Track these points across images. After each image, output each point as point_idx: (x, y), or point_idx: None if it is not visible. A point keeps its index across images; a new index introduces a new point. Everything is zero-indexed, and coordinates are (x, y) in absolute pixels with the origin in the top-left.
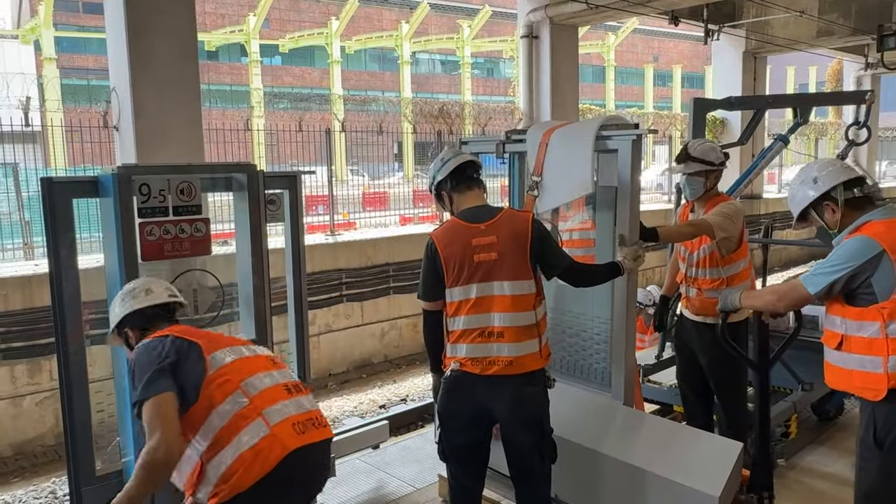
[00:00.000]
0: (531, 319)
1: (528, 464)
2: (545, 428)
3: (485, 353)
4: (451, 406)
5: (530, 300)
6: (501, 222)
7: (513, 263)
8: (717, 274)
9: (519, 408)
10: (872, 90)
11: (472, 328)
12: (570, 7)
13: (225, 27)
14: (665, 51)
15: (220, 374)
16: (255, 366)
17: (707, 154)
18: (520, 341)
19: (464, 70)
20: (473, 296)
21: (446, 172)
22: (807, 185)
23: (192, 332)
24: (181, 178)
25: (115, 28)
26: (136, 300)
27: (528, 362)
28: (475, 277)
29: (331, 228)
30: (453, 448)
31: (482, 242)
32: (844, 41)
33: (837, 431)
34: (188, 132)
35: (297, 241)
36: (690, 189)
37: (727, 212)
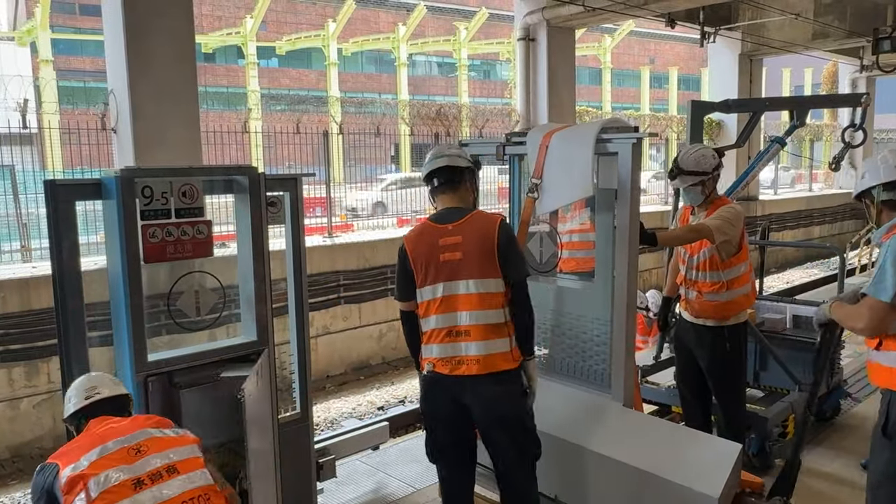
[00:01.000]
0: (499, 318)
1: (507, 461)
2: (526, 425)
3: (453, 352)
4: (429, 407)
5: (498, 299)
6: (468, 223)
7: (478, 262)
8: (717, 277)
9: (493, 406)
10: (868, 93)
11: (440, 328)
12: (567, 9)
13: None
14: (661, 53)
15: (71, 482)
16: (110, 462)
17: (699, 163)
18: (487, 339)
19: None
20: (440, 295)
21: (424, 174)
22: (860, 176)
23: (65, 450)
24: (183, 180)
25: (112, 30)
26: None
27: (499, 362)
28: (441, 277)
29: (328, 230)
30: (438, 448)
31: (448, 242)
32: (840, 44)
33: (834, 432)
34: (186, 134)
35: (298, 242)
36: (689, 198)
37: (727, 216)
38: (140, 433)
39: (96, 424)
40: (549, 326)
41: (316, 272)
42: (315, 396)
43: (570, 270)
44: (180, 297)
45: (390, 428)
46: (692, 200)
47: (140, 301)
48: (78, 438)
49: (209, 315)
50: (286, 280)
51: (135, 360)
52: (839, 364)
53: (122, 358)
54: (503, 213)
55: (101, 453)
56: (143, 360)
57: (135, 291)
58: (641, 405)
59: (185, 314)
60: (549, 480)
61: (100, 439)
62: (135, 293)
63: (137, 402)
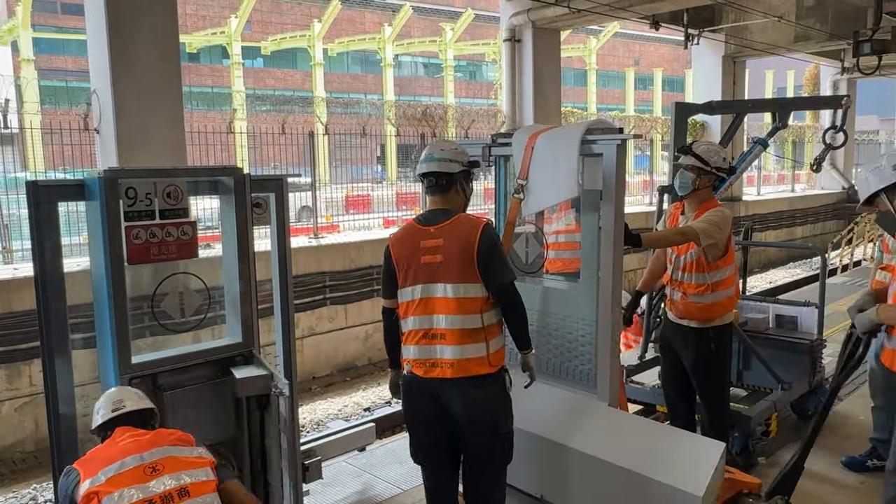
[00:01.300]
0: (476, 323)
1: (476, 463)
2: (499, 430)
3: (428, 354)
4: (409, 408)
5: (476, 304)
6: (450, 226)
7: (458, 267)
8: (702, 279)
9: (468, 408)
10: (849, 95)
11: (417, 329)
12: (553, 11)
13: (206, 29)
14: (646, 54)
15: (87, 495)
16: (125, 480)
17: (707, 155)
18: (463, 344)
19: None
20: (418, 297)
21: (416, 174)
22: (884, 171)
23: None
24: (168, 181)
25: (95, 29)
26: (92, 421)
27: (473, 366)
28: (420, 279)
29: (314, 231)
30: (422, 449)
31: (429, 245)
32: (821, 46)
33: None
34: (170, 134)
35: (284, 244)
36: (680, 180)
37: (715, 219)
38: (158, 451)
39: (121, 434)
40: (536, 327)
41: (302, 273)
42: (301, 398)
43: (557, 271)
44: (164, 299)
45: (377, 429)
46: (682, 185)
47: (124, 303)
48: (102, 448)
49: (194, 317)
50: (271, 281)
51: (119, 362)
52: (821, 363)
53: (106, 360)
54: (489, 216)
55: (119, 469)
56: (127, 362)
57: (118, 293)
58: (626, 405)
59: (170, 316)
60: (535, 480)
61: (120, 454)
62: (118, 295)
63: None
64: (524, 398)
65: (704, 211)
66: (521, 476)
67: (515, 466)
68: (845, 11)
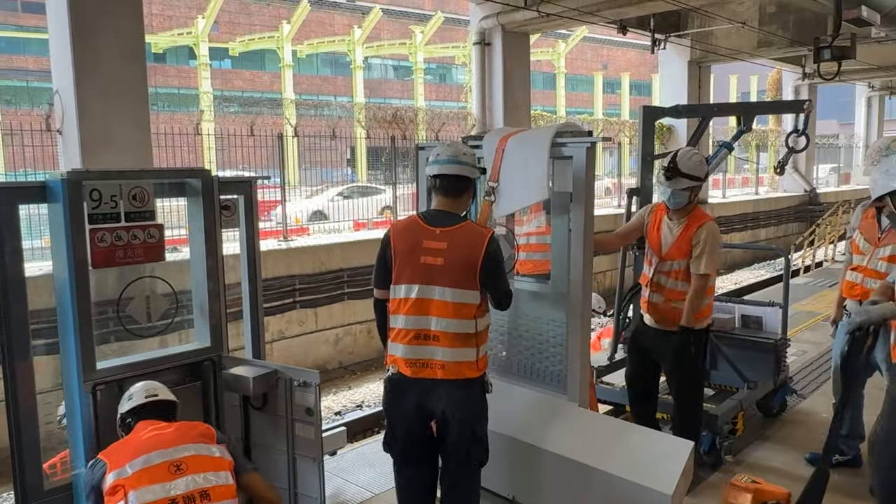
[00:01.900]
0: (470, 328)
1: (455, 462)
2: (476, 431)
3: (420, 354)
4: (392, 408)
5: (471, 310)
6: (457, 232)
7: (459, 273)
8: (688, 287)
9: (452, 408)
10: (810, 99)
11: (409, 328)
12: (522, 15)
13: (172, 29)
14: (614, 59)
15: (114, 487)
16: (152, 477)
17: (696, 169)
18: (455, 347)
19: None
20: (414, 296)
21: (431, 172)
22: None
23: (115, 449)
24: (133, 183)
25: (57, 28)
26: (120, 407)
27: (464, 370)
28: (418, 278)
29: (283, 234)
30: (397, 441)
31: (432, 246)
32: (784, 52)
33: (781, 427)
34: (136, 136)
35: (253, 246)
36: (675, 201)
37: (716, 245)
38: (184, 448)
39: (143, 427)
40: (507, 329)
41: (271, 276)
42: None
43: (528, 272)
44: (130, 303)
45: (348, 433)
46: (677, 203)
47: (88, 308)
48: (126, 440)
49: (160, 321)
50: (240, 284)
51: (83, 368)
52: (785, 362)
53: (69, 366)
54: None
55: (146, 463)
56: (91, 368)
57: (82, 298)
58: (597, 405)
59: (136, 321)
60: (506, 481)
61: (145, 447)
62: (82, 299)
63: (87, 411)
64: (495, 399)
65: (695, 223)
66: (493, 478)
67: (487, 468)
68: (806, 18)
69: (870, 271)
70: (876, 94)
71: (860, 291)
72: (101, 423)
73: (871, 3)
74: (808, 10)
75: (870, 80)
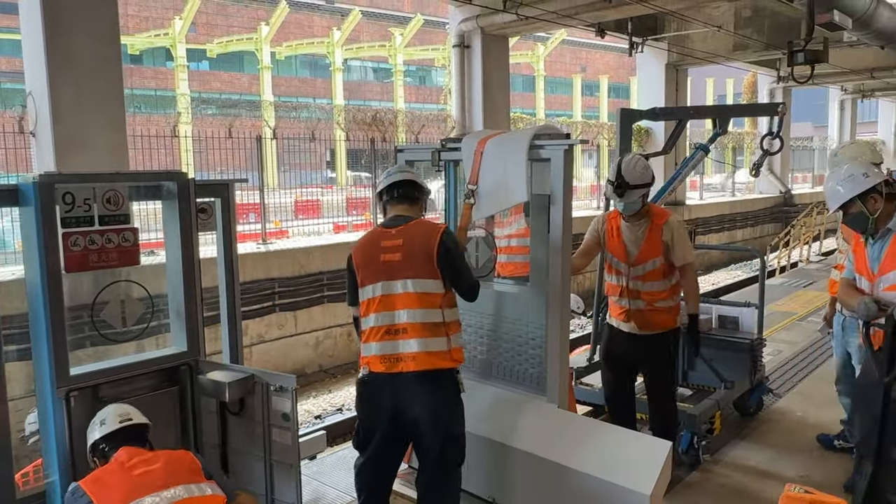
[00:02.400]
0: (437, 317)
1: (431, 461)
2: (451, 431)
3: (391, 350)
4: (364, 409)
5: (436, 299)
6: (411, 228)
7: (418, 263)
8: (667, 284)
9: (425, 408)
10: (784, 102)
11: (379, 325)
12: (501, 17)
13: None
14: (592, 62)
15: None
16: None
17: (643, 176)
18: (424, 337)
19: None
20: (379, 293)
21: (384, 185)
22: (856, 179)
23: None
24: (108, 186)
25: (30, 29)
26: (91, 433)
27: (436, 360)
28: (381, 276)
29: (262, 237)
30: (368, 442)
31: (389, 244)
32: (759, 55)
33: (758, 426)
34: (111, 138)
35: (230, 250)
36: (629, 208)
37: (686, 235)
38: (174, 491)
39: (126, 457)
40: (486, 331)
41: (250, 280)
42: None
43: (509, 275)
44: (105, 308)
45: (327, 437)
46: (630, 210)
47: (61, 313)
48: (111, 472)
49: (136, 326)
50: (218, 288)
51: (56, 374)
52: (761, 362)
53: (42, 372)
54: None
55: None
56: (64, 374)
57: (55, 303)
58: (575, 406)
59: (111, 325)
60: (486, 483)
61: (136, 490)
62: (55, 304)
63: (60, 419)
64: (474, 401)
65: (659, 220)
66: (473, 480)
67: (467, 470)
68: (780, 23)
69: None
70: (848, 97)
71: None
72: (75, 430)
73: (843, 7)
74: (782, 15)
75: (842, 83)
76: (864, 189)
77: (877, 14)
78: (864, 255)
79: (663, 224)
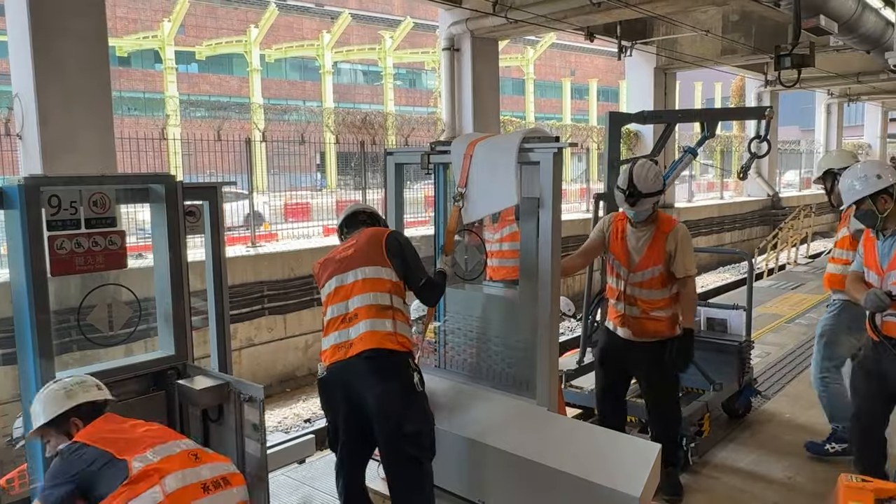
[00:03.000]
0: (385, 301)
1: (388, 458)
2: (403, 427)
3: (346, 337)
4: (326, 407)
5: (385, 284)
6: (364, 231)
7: (370, 252)
8: (666, 293)
9: (374, 398)
10: (771, 106)
11: (335, 317)
12: (491, 21)
13: (138, 33)
14: (582, 65)
15: (145, 472)
16: (180, 462)
17: (655, 185)
18: (373, 318)
19: (386, 81)
20: (334, 286)
21: (343, 217)
22: (870, 179)
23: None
24: (94, 189)
25: (17, 30)
26: (57, 405)
27: (381, 339)
28: (337, 271)
29: (252, 240)
30: (336, 440)
31: (345, 245)
32: (746, 59)
33: (746, 428)
34: (99, 141)
35: (218, 253)
36: (640, 216)
37: (691, 243)
38: (185, 442)
39: (114, 422)
40: (476, 334)
41: (239, 283)
42: None
43: (501, 279)
44: (92, 312)
45: (316, 440)
46: (641, 217)
47: (46, 317)
48: (118, 428)
49: (123, 330)
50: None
51: (41, 378)
52: (749, 364)
53: (27, 377)
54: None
55: (168, 451)
56: (50, 378)
57: (40, 306)
58: (565, 409)
59: (97, 329)
60: (476, 486)
61: (159, 435)
62: (40, 308)
63: None
64: (464, 404)
65: (665, 228)
66: (461, 482)
67: (456, 473)
68: (767, 27)
69: None
70: (835, 101)
71: None
72: None
73: (830, 12)
74: (769, 19)
75: (829, 87)
76: (876, 189)
77: (862, 19)
78: (874, 251)
79: (669, 233)
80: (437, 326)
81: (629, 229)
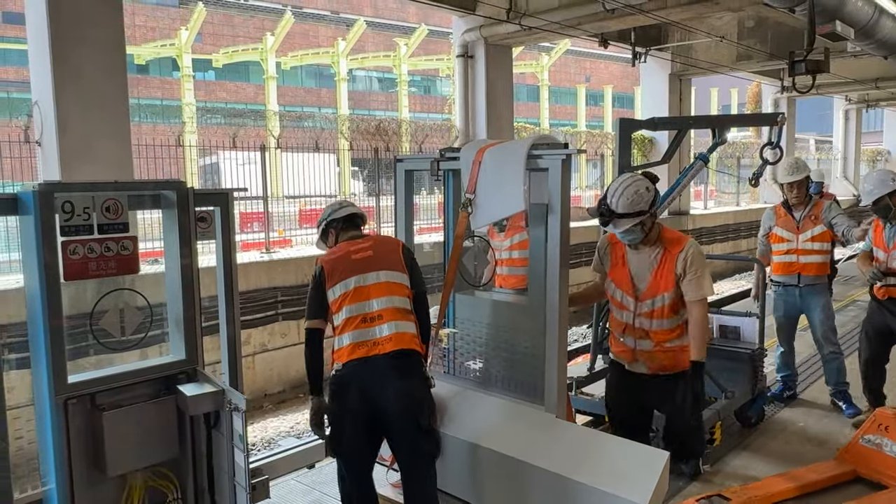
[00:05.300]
0: (407, 305)
1: (402, 454)
2: (420, 423)
3: (368, 336)
4: (336, 406)
5: (404, 290)
6: (375, 236)
7: (388, 257)
8: (677, 321)
9: (396, 393)
10: (783, 112)
11: (353, 316)
12: (504, 28)
13: (156, 41)
14: (596, 71)
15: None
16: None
17: (634, 203)
18: (398, 320)
19: (401, 88)
20: (353, 286)
21: (341, 215)
22: (886, 181)
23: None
24: (107, 195)
25: (37, 39)
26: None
27: (408, 341)
28: (354, 272)
29: (266, 246)
30: (340, 441)
31: (359, 247)
32: (762, 65)
33: (759, 437)
34: (116, 148)
35: (229, 259)
36: (629, 238)
37: (704, 261)
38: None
39: None
40: (485, 340)
41: (253, 288)
42: (252, 415)
43: (511, 287)
44: (104, 317)
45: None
46: (631, 241)
47: (59, 321)
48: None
49: (135, 335)
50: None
51: (54, 382)
52: (762, 372)
53: (40, 380)
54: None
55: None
56: (62, 382)
57: (53, 311)
58: (573, 416)
59: (110, 334)
60: (483, 493)
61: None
62: (53, 313)
63: (58, 426)
64: (471, 409)
65: (673, 249)
66: (467, 488)
67: (463, 478)
68: (784, 33)
69: None
70: (853, 106)
71: None
72: (73, 437)
73: (845, 18)
74: (785, 25)
75: (847, 93)
76: (891, 189)
77: (879, 24)
78: (881, 234)
79: (678, 253)
80: (450, 332)
81: (629, 252)
